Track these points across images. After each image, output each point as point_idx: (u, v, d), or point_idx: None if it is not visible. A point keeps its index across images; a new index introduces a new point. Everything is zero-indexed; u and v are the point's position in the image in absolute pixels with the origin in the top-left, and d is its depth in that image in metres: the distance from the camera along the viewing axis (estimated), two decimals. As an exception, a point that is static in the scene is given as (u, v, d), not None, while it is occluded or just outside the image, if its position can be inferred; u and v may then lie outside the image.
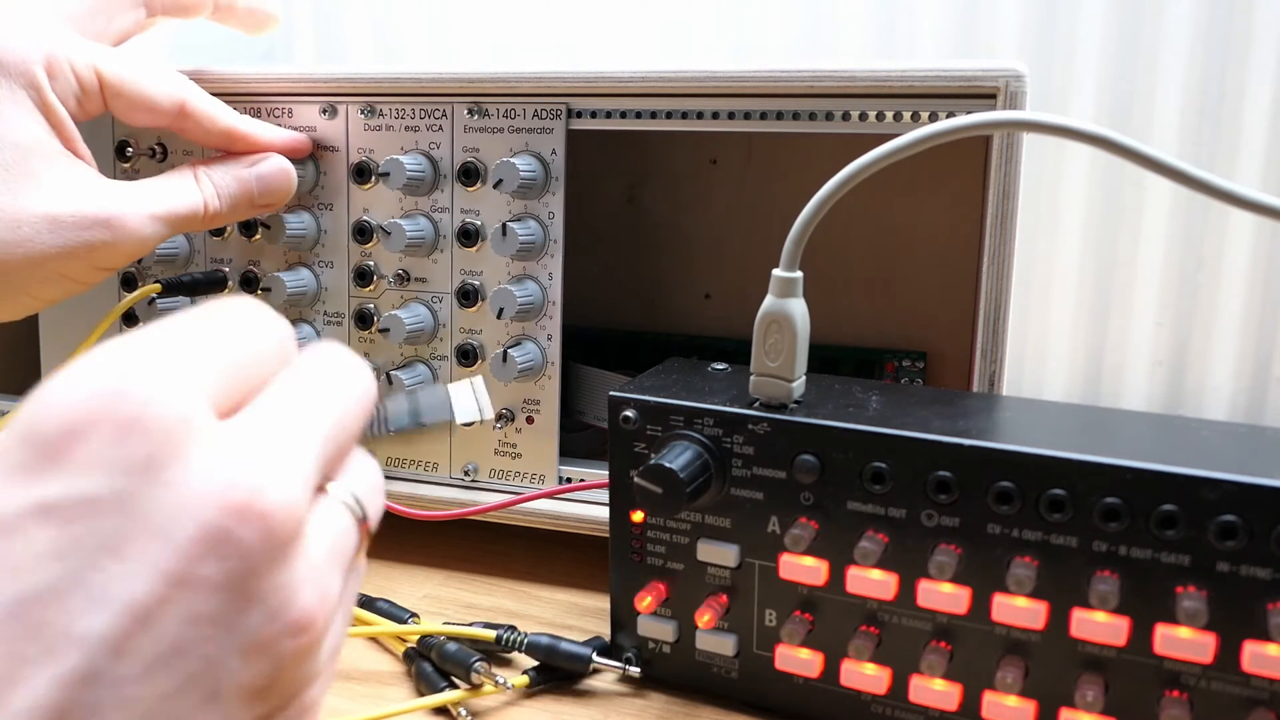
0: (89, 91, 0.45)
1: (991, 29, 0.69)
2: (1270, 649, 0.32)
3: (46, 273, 0.43)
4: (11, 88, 0.42)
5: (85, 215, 0.43)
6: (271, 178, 0.49)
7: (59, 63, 0.43)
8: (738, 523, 0.39)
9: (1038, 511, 0.34)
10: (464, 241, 0.50)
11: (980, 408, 0.39)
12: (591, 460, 0.51)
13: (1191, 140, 0.67)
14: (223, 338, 0.24)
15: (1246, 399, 0.70)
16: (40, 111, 0.43)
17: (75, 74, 0.44)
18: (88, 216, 0.43)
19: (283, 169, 0.49)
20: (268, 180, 0.49)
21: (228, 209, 0.48)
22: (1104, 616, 0.33)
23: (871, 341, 0.60)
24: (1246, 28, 0.65)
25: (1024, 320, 0.72)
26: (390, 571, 0.52)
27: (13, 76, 0.42)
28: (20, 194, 0.42)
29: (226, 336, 0.24)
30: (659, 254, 0.65)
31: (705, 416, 0.38)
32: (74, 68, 0.44)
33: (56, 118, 0.43)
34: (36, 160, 0.42)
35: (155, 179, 0.46)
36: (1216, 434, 0.36)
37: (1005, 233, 0.43)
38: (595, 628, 0.46)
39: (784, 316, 0.37)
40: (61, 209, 0.42)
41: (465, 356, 0.50)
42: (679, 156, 0.63)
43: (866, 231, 0.59)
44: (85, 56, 0.44)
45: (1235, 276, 0.68)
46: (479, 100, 0.49)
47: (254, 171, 0.49)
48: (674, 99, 0.46)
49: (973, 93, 0.43)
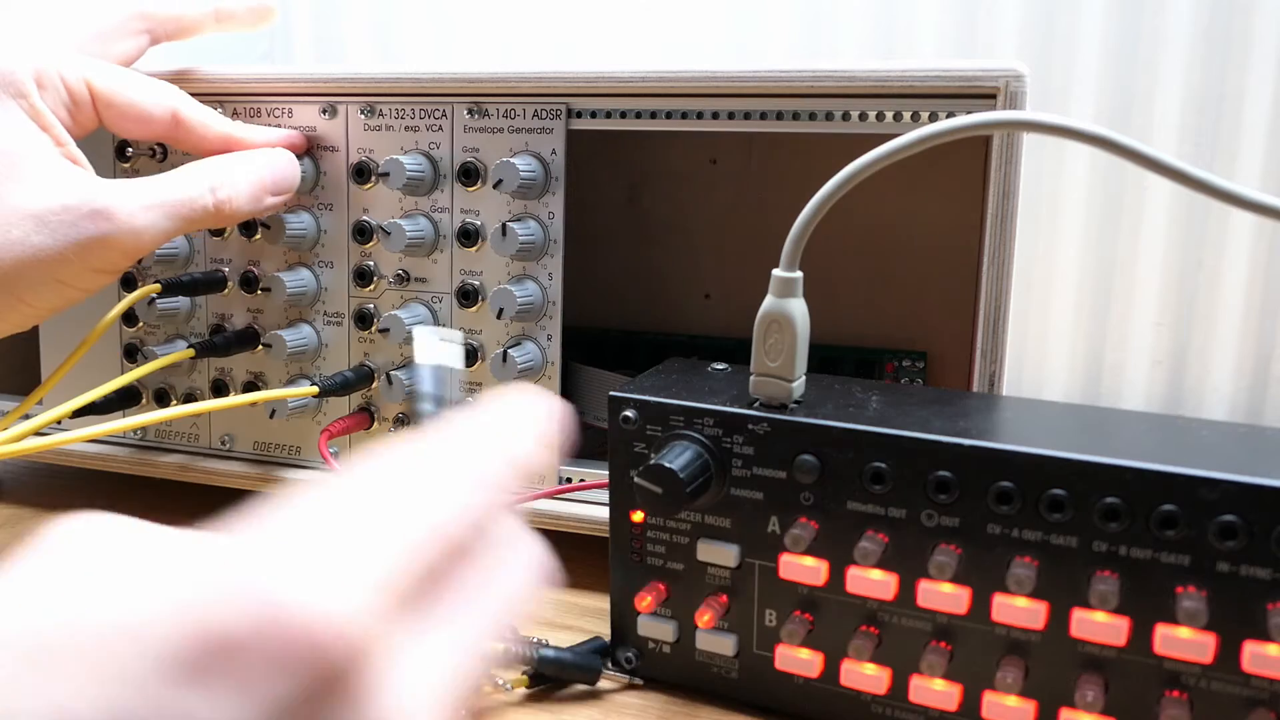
0: (80, 103, 0.45)
1: (991, 29, 0.69)
2: (1270, 649, 0.32)
3: (41, 277, 0.42)
4: (0, 98, 0.42)
5: (74, 209, 0.42)
6: (282, 167, 0.49)
7: (49, 74, 0.44)
8: (738, 523, 0.39)
9: (1038, 511, 0.34)
10: (464, 241, 0.50)
11: (980, 408, 0.39)
12: (591, 460, 0.51)
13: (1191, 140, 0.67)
14: (424, 517, 0.20)
15: (1246, 399, 0.70)
16: (30, 119, 0.43)
17: (65, 85, 0.44)
18: (77, 210, 0.42)
19: (292, 159, 0.50)
20: (279, 169, 0.49)
21: (245, 199, 0.47)
22: (1104, 616, 0.33)
23: (871, 341, 0.60)
24: (1246, 28, 0.65)
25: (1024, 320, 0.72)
26: (390, 571, 0.52)
27: (1, 87, 0.42)
28: (7, 196, 0.42)
29: (428, 516, 0.20)
30: (659, 254, 0.65)
31: (705, 416, 0.38)
32: (64, 79, 0.44)
33: (46, 123, 0.43)
34: (25, 164, 0.42)
35: (158, 174, 0.46)
36: (1216, 434, 0.36)
37: (1005, 233, 0.43)
38: (595, 628, 0.46)
39: (784, 316, 0.37)
40: (50, 206, 0.42)
41: (465, 356, 0.50)
42: (679, 156, 0.63)
43: (866, 231, 0.59)
44: (75, 69, 0.45)
45: (1235, 276, 0.68)
46: (479, 100, 0.49)
47: (265, 160, 0.48)
48: (674, 99, 0.46)
49: (973, 93, 0.43)
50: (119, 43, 0.51)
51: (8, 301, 0.43)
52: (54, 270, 0.42)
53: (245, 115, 0.52)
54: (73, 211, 0.42)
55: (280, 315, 0.53)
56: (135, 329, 0.56)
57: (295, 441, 0.55)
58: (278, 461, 0.55)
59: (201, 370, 0.55)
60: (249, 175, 0.47)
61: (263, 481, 0.55)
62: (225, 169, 0.47)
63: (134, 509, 0.60)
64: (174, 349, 0.52)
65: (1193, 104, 0.67)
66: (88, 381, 0.49)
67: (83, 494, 0.62)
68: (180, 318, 0.55)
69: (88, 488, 0.63)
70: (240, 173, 0.47)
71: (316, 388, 0.50)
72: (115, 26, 0.51)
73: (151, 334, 0.56)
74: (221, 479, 0.55)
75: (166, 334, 0.56)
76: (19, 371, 0.63)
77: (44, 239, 0.42)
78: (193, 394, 0.56)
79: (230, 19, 0.55)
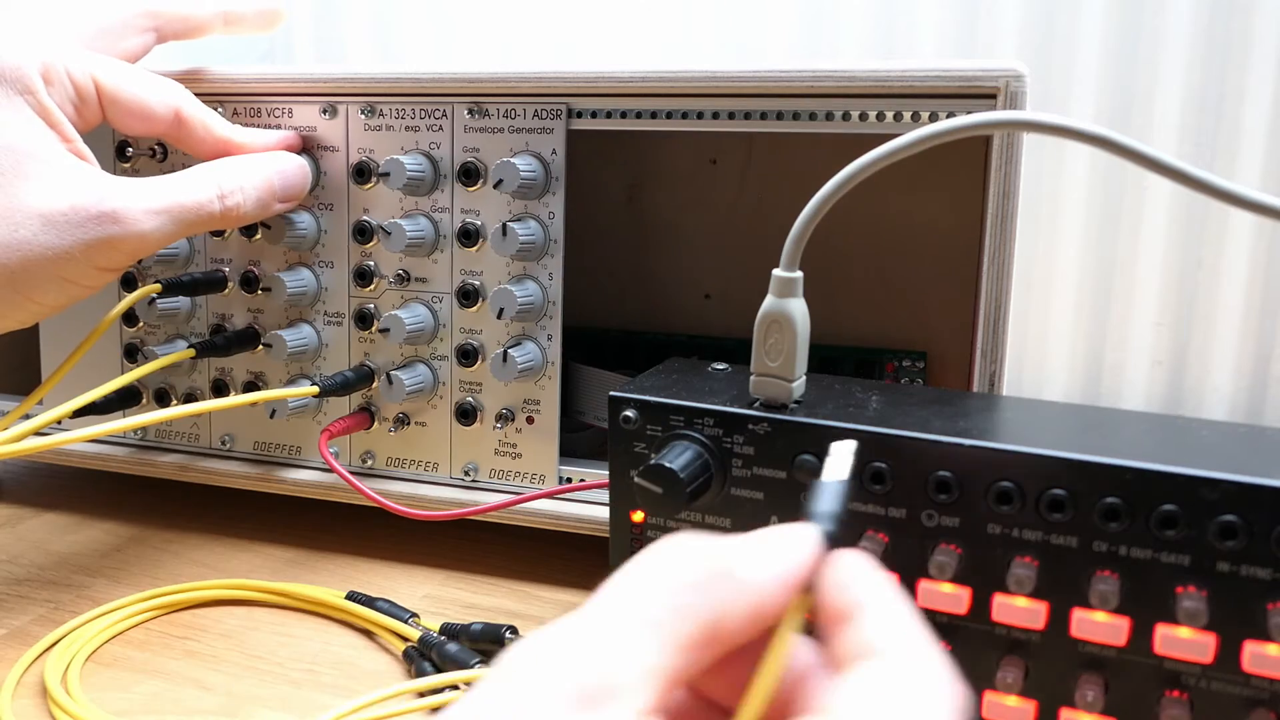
0: (86, 99, 0.45)
1: (991, 29, 0.69)
2: (1270, 649, 0.32)
3: (47, 275, 0.42)
4: (7, 94, 0.42)
5: (82, 210, 0.42)
6: (291, 173, 0.49)
7: (55, 70, 0.44)
8: (738, 523, 0.39)
9: (1038, 511, 0.34)
10: (464, 241, 0.50)
11: (980, 408, 0.39)
12: (591, 460, 0.51)
13: (1191, 140, 0.67)
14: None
15: (1246, 399, 0.70)
16: (38, 116, 0.43)
17: (72, 81, 0.44)
18: (85, 212, 0.42)
19: (301, 165, 0.50)
20: (288, 175, 0.49)
21: (253, 202, 0.47)
22: (1104, 616, 0.33)
23: (871, 341, 0.60)
24: (1246, 28, 0.65)
25: (1024, 320, 0.72)
26: (390, 571, 0.52)
27: (8, 83, 0.42)
28: (15, 195, 0.41)
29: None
30: (659, 254, 0.65)
31: (705, 416, 0.38)
32: (71, 75, 0.44)
33: (54, 119, 0.43)
34: (32, 162, 0.42)
35: (166, 175, 0.46)
36: (1216, 434, 0.36)
37: (1005, 233, 0.43)
38: (595, 628, 0.46)
39: (784, 316, 0.37)
40: (58, 206, 0.42)
41: (465, 356, 0.50)
42: (679, 156, 0.63)
43: (866, 231, 0.59)
44: (82, 64, 0.45)
45: (1235, 276, 0.68)
46: (479, 100, 0.49)
47: (275, 167, 0.48)
48: (674, 99, 0.46)
49: (973, 93, 0.43)
50: (125, 39, 0.51)
51: (13, 299, 0.43)
52: (60, 269, 0.42)
53: (245, 115, 0.52)
54: (81, 213, 0.42)
55: (280, 315, 0.53)
56: (135, 329, 0.56)
57: (295, 441, 0.55)
58: (278, 461, 0.55)
59: (201, 370, 0.55)
60: (257, 182, 0.47)
61: (263, 481, 0.55)
62: (234, 174, 0.47)
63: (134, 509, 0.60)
64: (174, 349, 0.52)
65: (1193, 104, 0.67)
66: (88, 381, 0.49)
67: (82, 494, 0.62)
68: (180, 318, 0.55)
69: (88, 488, 0.63)
70: (249, 179, 0.47)
71: (317, 388, 0.50)
72: (122, 23, 0.51)
73: (152, 334, 0.56)
74: (221, 479, 0.55)
75: (167, 334, 0.56)
76: (19, 371, 0.63)
77: (51, 238, 0.42)
78: (193, 394, 0.56)
79: (239, 22, 0.55)
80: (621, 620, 0.22)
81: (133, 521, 0.58)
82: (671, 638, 0.21)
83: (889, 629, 0.22)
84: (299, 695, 0.42)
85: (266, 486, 0.55)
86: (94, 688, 0.42)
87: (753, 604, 0.23)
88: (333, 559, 0.53)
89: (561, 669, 0.21)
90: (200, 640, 0.46)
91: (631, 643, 0.21)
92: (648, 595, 0.22)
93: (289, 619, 0.48)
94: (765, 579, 0.23)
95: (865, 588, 0.23)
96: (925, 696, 0.21)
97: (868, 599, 0.23)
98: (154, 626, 0.47)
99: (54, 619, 0.47)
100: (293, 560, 0.53)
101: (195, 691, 0.42)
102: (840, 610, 0.23)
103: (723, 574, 0.23)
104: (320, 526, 0.57)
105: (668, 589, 0.22)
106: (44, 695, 0.41)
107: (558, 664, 0.21)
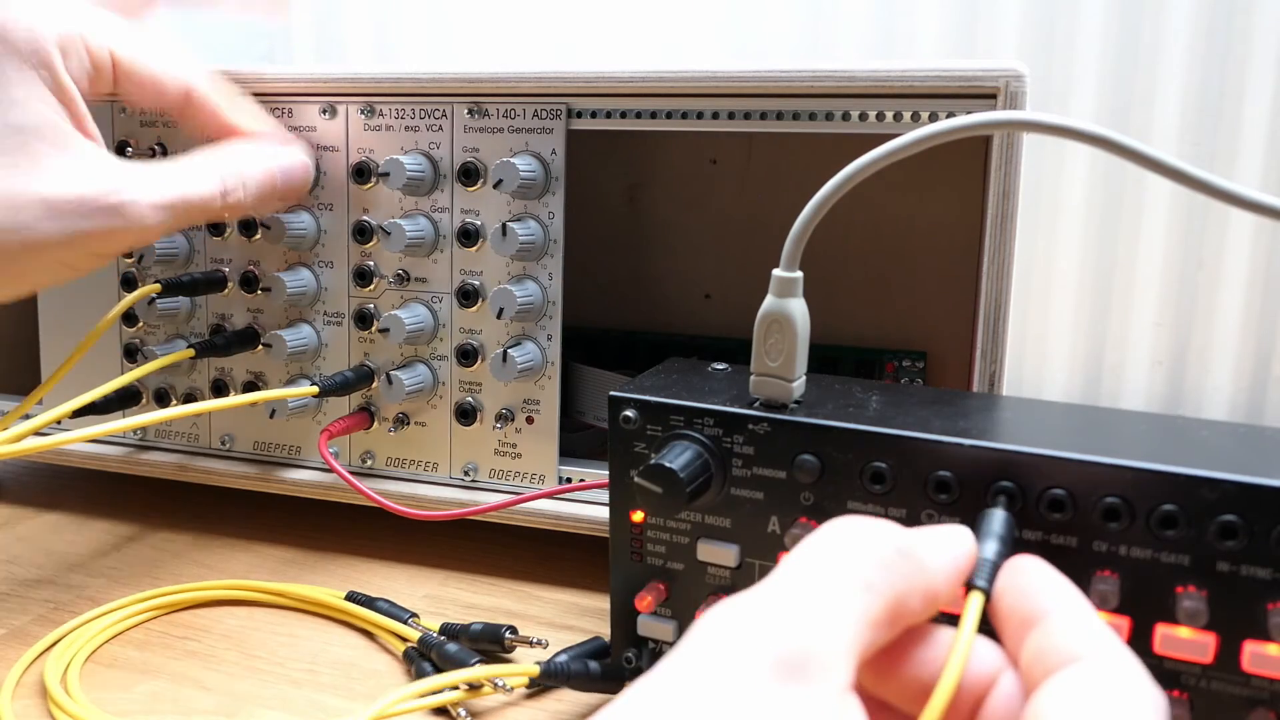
0: (101, 71, 0.44)
1: (991, 29, 0.69)
2: (1270, 649, 0.32)
3: (45, 260, 0.42)
4: (20, 68, 0.41)
5: (86, 201, 0.41)
6: (293, 170, 0.49)
7: (73, 40, 0.42)
8: (738, 523, 0.39)
9: (1038, 511, 0.34)
10: (464, 241, 0.49)
11: (980, 408, 0.39)
12: (591, 460, 0.51)
13: (1191, 140, 0.67)
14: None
15: (1246, 399, 0.70)
16: (52, 93, 0.42)
17: (90, 52, 0.43)
18: (91, 203, 0.41)
19: (304, 162, 0.50)
20: (290, 171, 0.49)
21: (253, 197, 0.47)
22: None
23: (871, 341, 0.60)
24: (1246, 28, 0.65)
25: (1024, 320, 0.72)
26: (390, 571, 0.52)
27: (23, 56, 0.41)
28: (19, 178, 0.41)
29: None
30: (659, 254, 0.65)
31: (705, 416, 0.38)
32: (88, 46, 0.43)
33: (68, 96, 0.42)
34: (40, 144, 0.41)
35: (169, 163, 0.45)
36: (1216, 434, 0.36)
37: (1005, 233, 0.43)
38: (595, 628, 0.46)
39: (784, 316, 0.37)
40: (62, 193, 0.41)
41: (465, 356, 0.50)
42: (679, 156, 0.63)
43: (866, 231, 0.59)
44: (100, 36, 0.43)
45: (1235, 276, 0.69)
46: (479, 100, 0.49)
47: (280, 164, 0.48)
48: (674, 99, 0.46)
49: (973, 93, 0.43)
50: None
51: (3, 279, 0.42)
52: (59, 254, 0.42)
53: (245, 115, 0.52)
54: (88, 204, 0.41)
55: (280, 315, 0.53)
56: (135, 329, 0.56)
57: (295, 441, 0.55)
58: (278, 461, 0.55)
59: (201, 370, 0.55)
60: (259, 176, 0.47)
61: (262, 481, 0.55)
62: (238, 168, 0.46)
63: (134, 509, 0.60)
64: (174, 349, 0.52)
65: (1193, 104, 0.67)
66: (88, 381, 0.49)
67: (82, 494, 0.62)
68: (180, 318, 0.55)
69: (87, 488, 0.63)
70: (252, 173, 0.47)
71: (316, 388, 0.50)
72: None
73: (151, 334, 0.56)
74: (221, 479, 0.55)
75: (166, 334, 0.56)
76: (19, 371, 0.63)
77: (52, 226, 0.41)
78: (193, 394, 0.56)
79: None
80: (819, 592, 0.21)
81: (132, 521, 0.58)
82: (865, 613, 0.21)
83: (1084, 634, 0.22)
84: (299, 695, 0.42)
85: (266, 486, 0.55)
86: (94, 688, 0.42)
87: (931, 587, 0.23)
88: (332, 559, 0.53)
89: (762, 636, 0.20)
90: (200, 640, 0.46)
91: (831, 615, 0.21)
92: (843, 568, 0.22)
93: (289, 619, 0.48)
94: (942, 564, 0.23)
95: (1053, 592, 0.23)
96: (1134, 699, 0.21)
97: (1056, 603, 0.23)
98: (154, 626, 0.47)
99: (54, 619, 0.47)
100: (292, 560, 0.53)
101: (195, 691, 0.42)
102: (1026, 614, 0.23)
103: (906, 553, 0.23)
104: (320, 526, 0.57)
105: (861, 563, 0.22)
106: (44, 695, 0.41)
107: (758, 630, 0.20)
